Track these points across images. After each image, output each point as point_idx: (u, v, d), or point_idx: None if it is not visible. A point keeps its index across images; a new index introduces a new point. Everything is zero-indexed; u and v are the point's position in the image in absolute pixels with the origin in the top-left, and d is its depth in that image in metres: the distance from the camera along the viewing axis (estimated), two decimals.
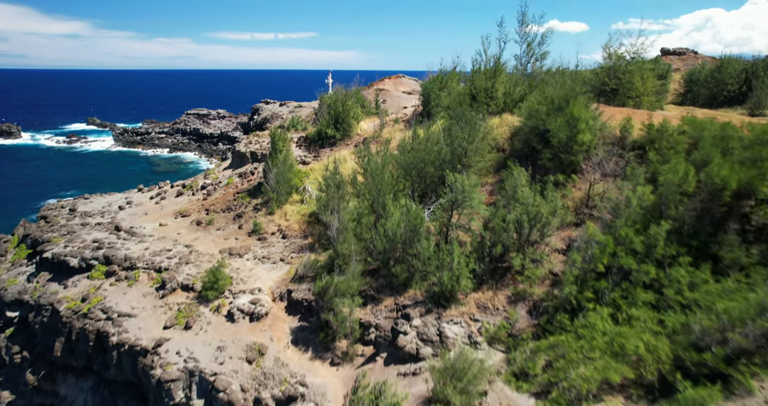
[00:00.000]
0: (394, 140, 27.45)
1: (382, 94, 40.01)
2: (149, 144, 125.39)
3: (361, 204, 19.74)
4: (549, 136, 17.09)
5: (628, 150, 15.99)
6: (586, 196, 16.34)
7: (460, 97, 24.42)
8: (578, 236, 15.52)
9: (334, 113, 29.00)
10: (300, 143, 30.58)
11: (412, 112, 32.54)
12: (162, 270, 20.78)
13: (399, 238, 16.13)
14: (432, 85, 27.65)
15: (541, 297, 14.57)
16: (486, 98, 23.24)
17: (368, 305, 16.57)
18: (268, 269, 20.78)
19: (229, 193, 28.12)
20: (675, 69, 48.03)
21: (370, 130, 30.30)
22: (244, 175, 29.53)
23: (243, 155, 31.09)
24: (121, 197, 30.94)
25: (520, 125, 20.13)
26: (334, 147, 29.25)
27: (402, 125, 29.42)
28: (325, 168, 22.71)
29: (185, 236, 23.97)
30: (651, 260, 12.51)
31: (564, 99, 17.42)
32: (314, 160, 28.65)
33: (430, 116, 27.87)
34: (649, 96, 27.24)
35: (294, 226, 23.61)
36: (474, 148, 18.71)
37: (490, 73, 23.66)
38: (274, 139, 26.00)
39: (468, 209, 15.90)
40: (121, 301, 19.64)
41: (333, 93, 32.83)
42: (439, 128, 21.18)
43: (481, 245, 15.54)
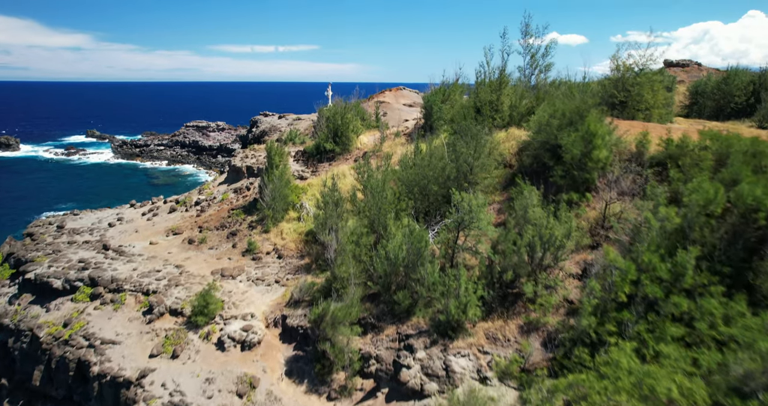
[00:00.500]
0: (395, 155, 26.45)
1: (383, 106, 39.16)
2: (148, 156, 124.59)
3: (361, 222, 18.65)
4: (561, 151, 16.06)
5: (647, 167, 14.95)
6: (601, 217, 15.25)
7: (463, 110, 23.47)
8: (594, 259, 14.40)
9: (333, 127, 28.05)
10: (298, 157, 29.58)
11: (413, 126, 31.60)
12: (150, 293, 19.60)
13: (401, 261, 15.01)
14: (434, 97, 26.73)
15: (556, 327, 13.41)
16: (491, 111, 22.28)
17: (368, 333, 15.39)
18: (262, 292, 19.61)
19: (223, 209, 27.04)
20: (679, 81, 47.35)
21: (371, 144, 29.33)
22: (240, 191, 28.46)
23: (239, 170, 30.08)
24: (112, 213, 29.85)
25: (528, 140, 19.12)
26: (333, 162, 28.24)
27: (403, 139, 28.45)
28: (323, 184, 21.66)
29: (176, 256, 22.82)
30: (679, 289, 11.38)
31: (576, 112, 16.42)
32: (312, 176, 27.62)
33: (433, 130, 26.91)
34: (660, 109, 26.32)
35: (290, 245, 22.48)
36: (480, 165, 17.67)
37: (494, 86, 22.73)
38: (271, 154, 24.99)
39: (475, 231, 14.81)
40: (106, 326, 18.43)
41: (332, 105, 31.95)
42: (443, 143, 20.17)
43: (490, 269, 14.41)
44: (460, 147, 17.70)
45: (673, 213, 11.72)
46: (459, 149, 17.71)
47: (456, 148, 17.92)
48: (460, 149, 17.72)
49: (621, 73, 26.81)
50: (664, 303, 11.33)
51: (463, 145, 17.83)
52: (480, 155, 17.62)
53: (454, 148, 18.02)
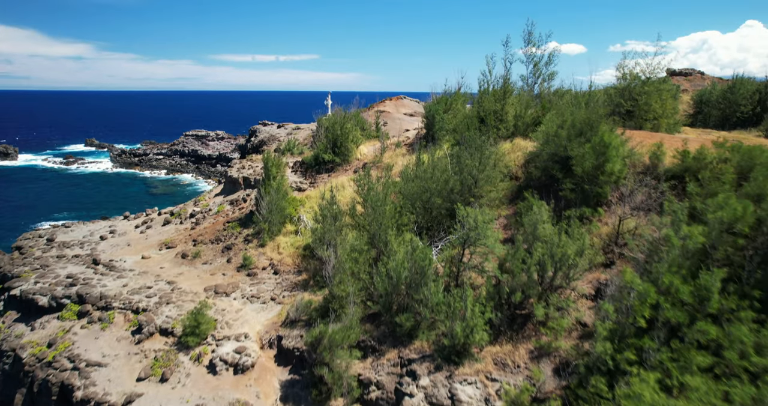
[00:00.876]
0: (396, 166, 25.68)
1: (383, 116, 38.49)
2: (147, 165, 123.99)
3: (360, 238, 17.80)
4: (571, 164, 15.27)
5: (663, 181, 14.15)
6: (614, 233, 14.42)
7: (467, 119, 22.74)
8: (608, 279, 13.55)
9: (332, 137, 27.31)
10: (296, 168, 28.81)
11: (414, 135, 30.88)
12: (140, 311, 18.70)
13: (403, 280, 14.16)
14: (436, 107, 26.02)
15: (569, 353, 12.52)
16: (495, 121, 21.54)
17: (368, 357, 14.48)
18: (257, 310, 18.71)
19: (218, 222, 26.21)
20: (682, 90, 46.85)
21: (371, 155, 28.58)
22: (236, 203, 27.66)
23: (235, 181, 29.29)
24: (105, 226, 29.01)
25: (535, 151, 18.35)
26: (332, 173, 27.46)
27: (404, 149, 27.70)
28: (322, 196, 20.83)
29: (168, 271, 21.95)
30: (704, 314, 10.52)
31: (587, 123, 15.66)
32: (311, 187, 26.83)
33: (435, 140, 26.17)
34: (668, 118, 25.61)
35: (287, 260, 21.62)
36: (485, 177, 16.88)
37: (498, 95, 22.01)
38: (267, 165, 24.21)
39: (482, 248, 13.97)
40: (92, 347, 17.52)
41: (331, 115, 31.26)
42: (446, 154, 19.39)
43: (498, 289, 13.55)
44: (465, 159, 16.92)
45: (697, 231, 10.88)
46: (463, 161, 16.92)
47: (460, 160, 17.13)
48: (465, 161, 16.93)
49: (628, 82, 26.16)
50: (688, 330, 10.46)
51: (468, 156, 17.05)
52: (485, 167, 16.83)
53: (458, 159, 17.23)
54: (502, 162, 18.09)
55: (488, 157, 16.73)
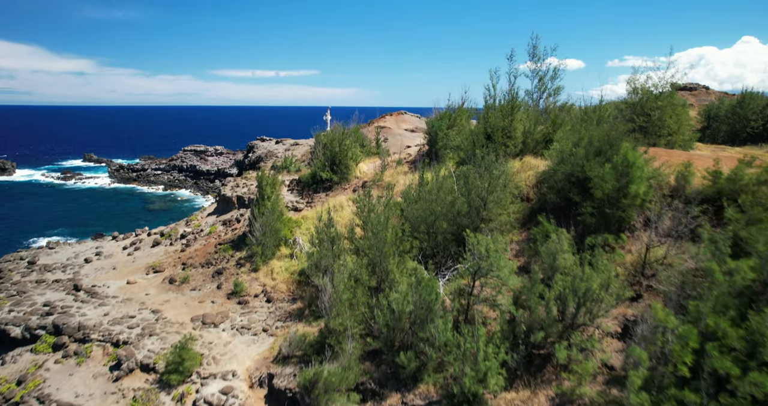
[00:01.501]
0: (397, 185, 24.38)
1: (383, 132, 37.34)
2: (145, 181, 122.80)
3: (360, 266, 16.38)
4: (590, 186, 13.94)
5: (696, 204, 12.79)
6: (640, 262, 13.02)
7: (472, 136, 21.48)
8: (636, 315, 12.12)
9: (330, 154, 26.05)
10: (292, 187, 27.49)
11: (416, 152, 29.65)
12: (120, 344, 17.20)
13: (407, 315, 12.72)
14: (439, 123, 24.81)
15: (595, 400, 11.02)
16: (503, 138, 20.28)
17: (368, 401, 12.96)
18: (248, 343, 17.20)
19: (210, 244, 24.80)
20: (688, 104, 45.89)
21: (371, 173, 27.29)
22: (229, 223, 26.27)
23: (229, 200, 27.95)
24: (91, 247, 27.58)
25: (548, 170, 17.04)
26: (330, 192, 26.14)
27: (406, 167, 26.42)
28: (319, 218, 19.47)
29: (154, 298, 20.47)
30: (758, 362, 9.09)
31: (606, 140, 14.38)
32: (307, 207, 25.47)
33: (438, 158, 24.90)
34: (684, 135, 24.39)
35: (281, 286, 20.17)
36: (495, 199, 15.54)
37: (506, 110, 20.79)
38: (262, 184, 22.90)
39: (494, 280, 12.56)
40: (65, 385, 15.97)
41: (330, 131, 30.05)
42: (452, 174, 18.09)
43: (513, 327, 12.10)
44: (473, 179, 15.59)
45: (746, 266, 9.49)
46: (471, 181, 15.59)
47: (467, 180, 15.80)
48: (473, 181, 15.60)
49: (640, 97, 25.03)
50: (739, 381, 9.00)
51: (476, 176, 15.72)
52: (495, 189, 15.49)
53: (466, 180, 15.90)
54: (512, 182, 16.76)
55: (498, 178, 15.41)
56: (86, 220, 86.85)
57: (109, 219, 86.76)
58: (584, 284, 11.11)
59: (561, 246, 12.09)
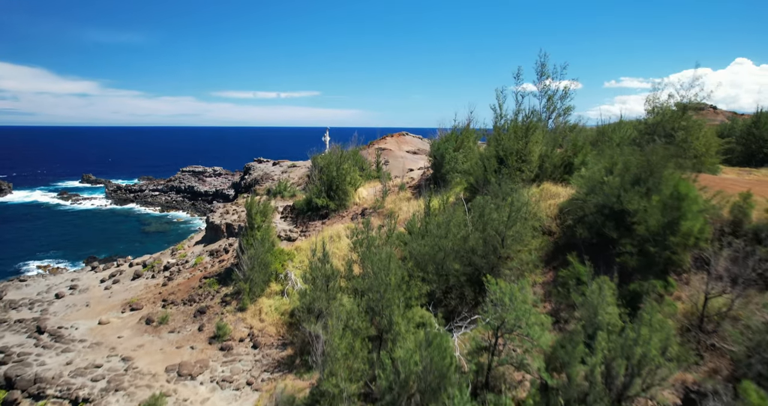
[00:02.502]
0: (400, 212, 22.26)
1: (384, 154, 35.39)
2: (142, 202, 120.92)
3: (357, 309, 14.10)
4: (630, 220, 11.81)
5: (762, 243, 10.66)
6: (697, 314, 10.79)
7: (483, 160, 19.43)
8: (699, 382, 9.85)
9: (326, 179, 23.98)
10: (286, 214, 25.35)
11: (419, 176, 27.62)
12: (79, 401, 14.82)
13: (415, 381, 10.43)
14: (445, 145, 22.82)
15: None
16: (518, 162, 18.23)
17: None
18: (228, 400, 14.82)
19: (195, 277, 22.55)
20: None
21: (371, 199, 25.19)
22: (216, 254, 24.06)
23: (217, 228, 25.79)
24: (66, 279, 25.31)
25: (574, 200, 14.92)
26: (326, 220, 23.99)
27: (409, 192, 24.34)
28: (313, 251, 17.26)
29: (127, 342, 18.13)
30: None
31: (647, 167, 12.31)
32: (302, 237, 23.28)
33: (444, 182, 22.83)
34: (712, 157, 22.37)
35: (270, 329, 17.86)
36: (515, 234, 13.38)
37: (520, 131, 18.81)
38: (251, 213, 20.78)
39: (521, 335, 10.32)
40: None
41: (327, 153, 28.06)
42: (463, 204, 15.98)
43: (547, 398, 9.80)
44: (489, 211, 13.45)
45: None
46: (487, 214, 13.44)
47: (483, 213, 13.66)
48: (489, 214, 13.46)
49: (662, 116, 23.11)
50: None
51: (492, 207, 13.59)
52: (515, 222, 13.34)
53: (481, 211, 13.76)
54: (533, 215, 14.61)
55: (519, 210, 13.27)
56: (80, 242, 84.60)
57: (103, 241, 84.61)
58: (640, 349, 8.86)
59: (603, 297, 9.88)
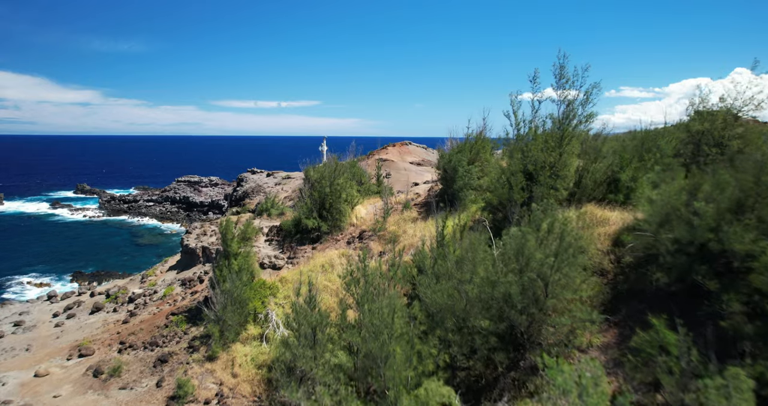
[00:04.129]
0: (404, 235, 18.76)
1: (386, 165, 31.92)
2: (136, 212, 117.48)
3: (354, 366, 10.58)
4: (738, 265, 8.33)
5: None
6: None
7: (506, 175, 15.94)
8: None
9: (319, 196, 20.47)
10: (272, 236, 21.80)
11: (425, 191, 24.14)
12: None
13: None
14: (459, 156, 19.32)
15: None
16: (551, 179, 14.74)
17: None
18: None
19: (162, 312, 18.99)
20: None
21: (370, 218, 21.68)
22: (189, 284, 20.50)
23: (192, 252, 22.25)
24: (14, 313, 21.70)
25: (637, 229, 11.38)
26: (318, 244, 20.42)
27: (415, 211, 20.83)
28: (297, 292, 13.70)
29: (64, 404, 14.50)
30: None
31: (753, 190, 8.85)
32: (289, 264, 19.71)
33: (456, 200, 19.34)
34: None
35: (243, 387, 14.25)
36: (563, 279, 9.84)
37: (553, 141, 15.37)
38: (226, 238, 17.27)
39: None
40: None
41: (321, 166, 24.57)
42: (486, 229, 12.50)
43: None
44: (531, 248, 9.92)
45: None
46: (528, 252, 9.92)
47: (522, 249, 10.13)
48: (528, 251, 9.94)
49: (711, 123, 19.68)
50: None
51: (534, 243, 10.07)
52: (565, 263, 9.81)
53: (519, 248, 10.22)
54: (582, 250, 11.05)
55: (570, 246, 9.75)
56: (68, 256, 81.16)
57: (92, 254, 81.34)
58: None
59: (739, 387, 6.32)
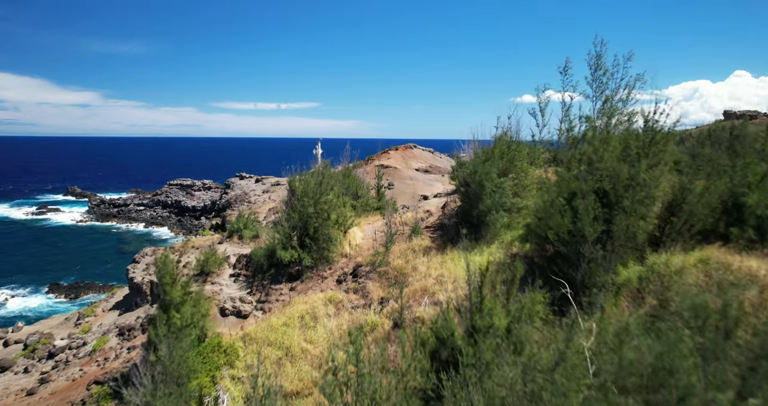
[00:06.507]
0: (414, 274, 13.72)
1: (388, 173, 26.78)
2: (125, 217, 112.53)
3: None
4: None
5: None
6: None
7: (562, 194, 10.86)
8: None
9: (301, 219, 15.37)
10: (240, 268, 16.70)
11: (438, 208, 19.10)
12: None
13: None
14: (487, 166, 14.25)
15: None
16: (641, 205, 9.71)
17: None
18: None
19: (84, 379, 13.93)
20: None
21: (368, 245, 16.64)
22: (128, 334, 15.45)
23: (139, 289, 17.20)
24: None
25: None
26: (298, 282, 15.32)
27: (427, 238, 15.77)
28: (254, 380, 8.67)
29: None
30: None
31: None
32: (257, 311, 14.62)
33: (484, 226, 14.29)
34: None
35: None
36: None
37: (641, 144, 10.34)
38: (163, 282, 12.21)
39: None
40: None
41: (308, 175, 19.44)
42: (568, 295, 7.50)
43: None
44: (686, 369, 4.89)
45: None
46: (682, 377, 4.89)
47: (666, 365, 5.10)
48: (682, 374, 4.91)
49: None
50: None
51: (689, 351, 5.02)
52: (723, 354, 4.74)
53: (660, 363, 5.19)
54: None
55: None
56: (47, 265, 76.28)
57: (74, 264, 76.62)
58: None
59: None
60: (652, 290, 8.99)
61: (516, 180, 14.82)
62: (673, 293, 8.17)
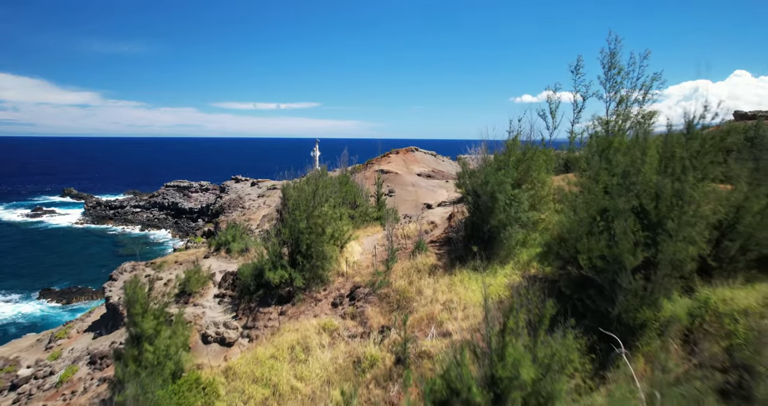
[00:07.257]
0: (420, 298, 12.15)
1: (389, 178, 25.17)
2: (121, 219, 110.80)
3: None
4: None
5: None
6: None
7: (590, 211, 9.29)
8: None
9: (291, 235, 13.78)
10: (226, 288, 15.12)
11: (444, 219, 17.53)
12: None
13: None
14: (500, 176, 12.68)
15: None
16: (681, 224, 8.16)
17: None
18: None
19: None
20: None
21: (367, 262, 15.06)
22: (101, 362, 13.88)
23: (115, 310, 15.63)
24: None
25: None
26: (289, 304, 13.74)
27: (432, 255, 14.19)
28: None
29: None
30: None
31: None
32: (244, 338, 13.05)
33: (497, 242, 12.71)
34: None
35: None
36: None
37: (685, 150, 8.79)
38: (131, 312, 10.65)
39: None
40: None
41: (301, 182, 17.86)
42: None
43: None
44: None
45: None
46: None
47: None
48: None
49: None
50: None
51: None
52: None
53: None
54: None
55: None
56: (41, 268, 74.66)
57: (67, 268, 75.03)
58: None
59: None
60: (709, 332, 7.44)
61: (532, 191, 13.25)
62: (742, 341, 6.63)
